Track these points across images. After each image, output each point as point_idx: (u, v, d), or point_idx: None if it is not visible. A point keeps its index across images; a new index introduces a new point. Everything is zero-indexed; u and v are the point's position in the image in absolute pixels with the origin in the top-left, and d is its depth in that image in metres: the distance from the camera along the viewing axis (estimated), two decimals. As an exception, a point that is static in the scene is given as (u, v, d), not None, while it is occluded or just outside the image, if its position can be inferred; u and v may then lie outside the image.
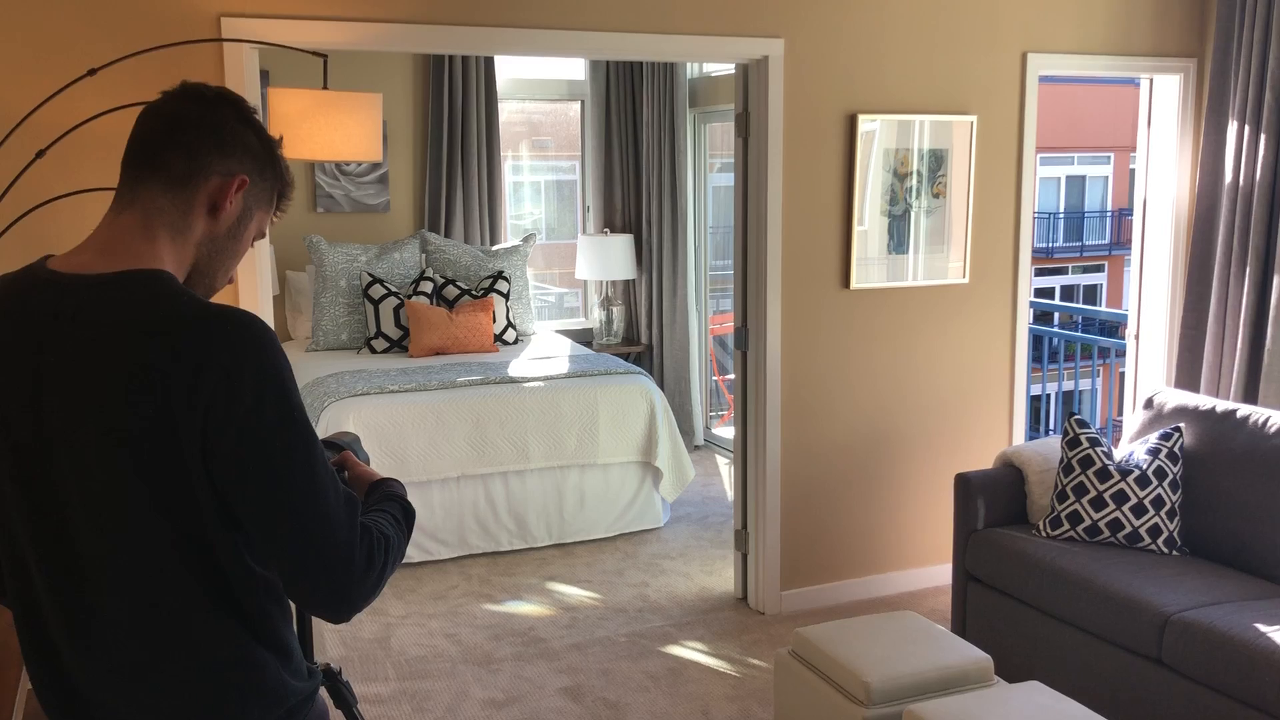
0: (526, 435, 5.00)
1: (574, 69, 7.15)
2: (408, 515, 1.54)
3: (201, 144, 1.41)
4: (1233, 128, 4.42)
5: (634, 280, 7.05)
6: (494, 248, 6.57)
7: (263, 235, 1.53)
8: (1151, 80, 4.86)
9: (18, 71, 3.20)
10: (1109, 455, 3.67)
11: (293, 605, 1.48)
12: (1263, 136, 4.28)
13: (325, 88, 3.28)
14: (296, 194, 6.42)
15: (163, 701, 1.39)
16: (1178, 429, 3.69)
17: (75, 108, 3.06)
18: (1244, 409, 3.64)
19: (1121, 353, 5.30)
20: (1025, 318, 4.70)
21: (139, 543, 1.33)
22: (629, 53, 4.03)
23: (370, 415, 4.79)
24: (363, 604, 1.39)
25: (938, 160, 4.40)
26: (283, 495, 1.32)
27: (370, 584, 1.38)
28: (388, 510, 1.51)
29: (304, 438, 1.34)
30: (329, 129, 3.16)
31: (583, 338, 7.16)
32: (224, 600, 1.38)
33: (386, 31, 3.58)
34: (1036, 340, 6.50)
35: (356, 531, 1.37)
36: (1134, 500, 3.58)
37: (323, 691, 1.66)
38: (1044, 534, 3.69)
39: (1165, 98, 4.84)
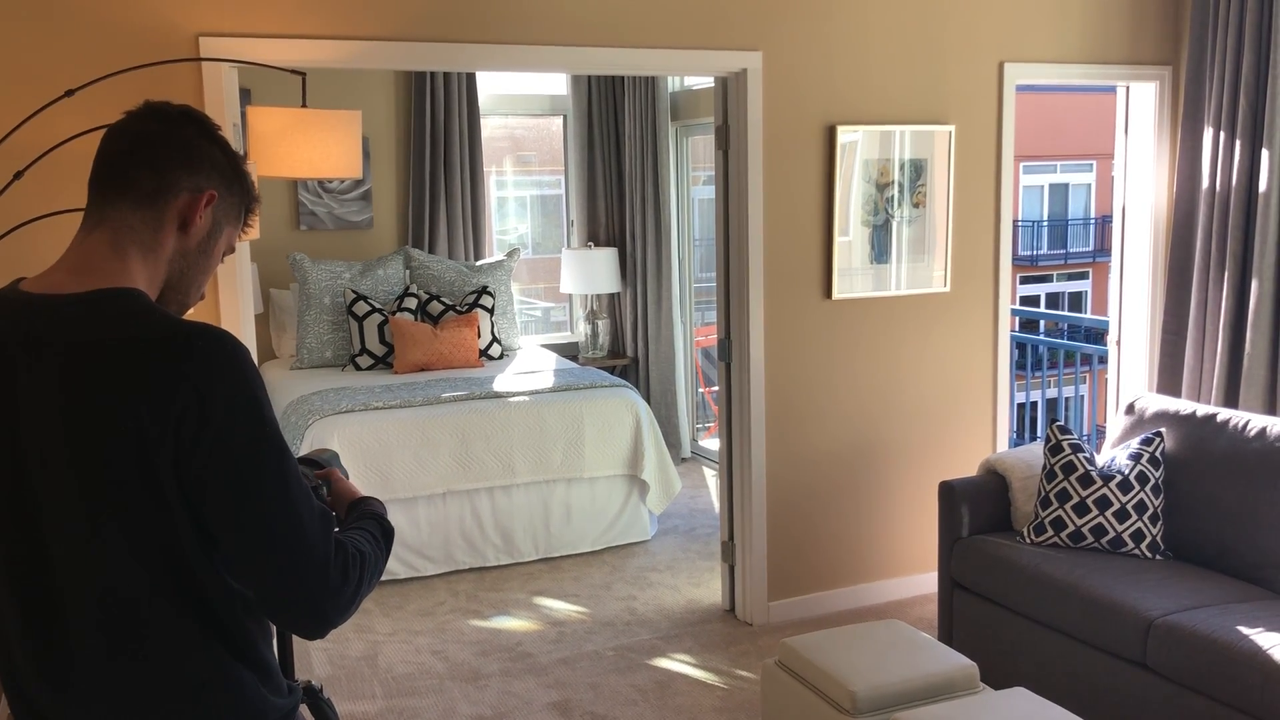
0: (512, 450, 4.99)
1: (556, 84, 7.17)
2: (386, 533, 1.54)
3: (169, 161, 1.42)
4: (1208, 134, 4.46)
5: (619, 293, 7.06)
6: (478, 263, 6.58)
7: (232, 250, 1.54)
8: (1128, 88, 4.90)
9: (-5, 93, 3.20)
10: (1091, 461, 3.69)
11: (273, 624, 1.48)
12: (1238, 142, 4.32)
13: (304, 105, 3.28)
14: (280, 212, 6.42)
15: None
16: (1159, 434, 3.71)
17: (53, 128, 3.06)
18: (1224, 413, 3.66)
19: (1105, 359, 5.32)
20: (1006, 325, 4.72)
21: (118, 565, 1.33)
22: (609, 67, 4.04)
23: (355, 432, 4.78)
24: (338, 620, 1.39)
25: (917, 170, 4.43)
26: (256, 510, 1.32)
27: (345, 600, 1.38)
28: (365, 528, 1.51)
29: (276, 452, 1.34)
30: (308, 147, 3.16)
31: (568, 352, 7.16)
32: (204, 619, 1.37)
33: (366, 49, 3.58)
34: (1021, 348, 6.53)
35: (331, 546, 1.38)
36: (1117, 505, 3.59)
37: (304, 710, 1.66)
38: (1028, 540, 3.70)
39: (1141, 105, 4.88)
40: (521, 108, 7.24)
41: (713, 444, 6.93)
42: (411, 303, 6.12)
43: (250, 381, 1.33)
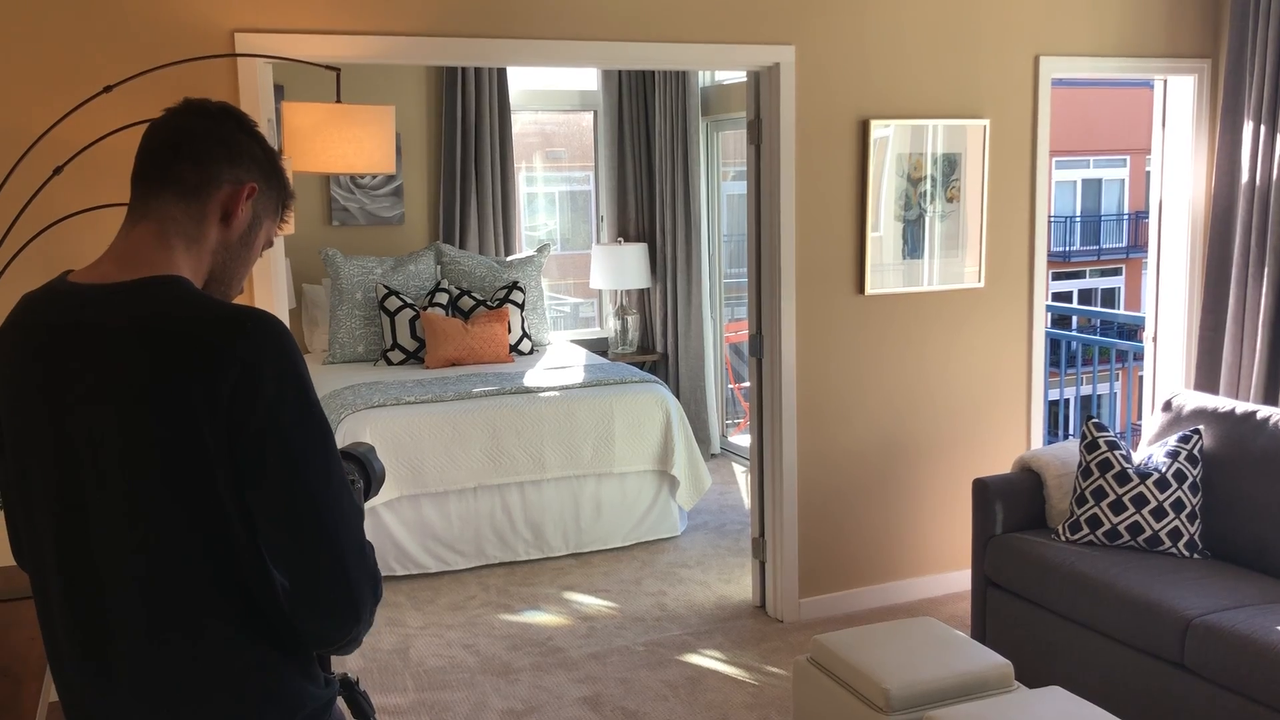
0: (543, 445, 5.00)
1: (586, 79, 7.17)
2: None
3: (211, 155, 1.44)
4: (1248, 127, 4.40)
5: (649, 289, 7.06)
6: (509, 258, 6.59)
7: (270, 244, 1.56)
8: (1166, 81, 4.84)
9: (35, 89, 3.24)
10: (1128, 458, 3.65)
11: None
12: (1279, 135, 4.25)
13: (338, 101, 3.29)
14: (312, 208, 6.46)
15: (182, 711, 1.39)
16: (1197, 431, 3.67)
17: (92, 124, 3.09)
18: (1264, 410, 3.61)
19: (1140, 356, 5.26)
20: (1041, 321, 4.68)
21: (162, 551, 1.34)
22: (640, 62, 4.04)
23: (387, 426, 4.80)
24: (368, 618, 1.39)
25: (951, 165, 4.39)
26: (297, 492, 1.33)
27: (376, 597, 1.39)
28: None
29: (321, 436, 1.36)
30: (342, 142, 3.17)
31: (598, 347, 7.17)
32: (245, 608, 1.38)
33: (399, 45, 3.60)
34: (1054, 344, 6.46)
35: (366, 541, 1.40)
36: (1154, 503, 3.55)
37: (340, 702, 1.66)
38: (1063, 538, 3.66)
39: (1180, 99, 4.82)
40: (552, 103, 7.25)
41: (742, 440, 6.91)
42: (443, 298, 6.14)
43: (298, 365, 1.35)
